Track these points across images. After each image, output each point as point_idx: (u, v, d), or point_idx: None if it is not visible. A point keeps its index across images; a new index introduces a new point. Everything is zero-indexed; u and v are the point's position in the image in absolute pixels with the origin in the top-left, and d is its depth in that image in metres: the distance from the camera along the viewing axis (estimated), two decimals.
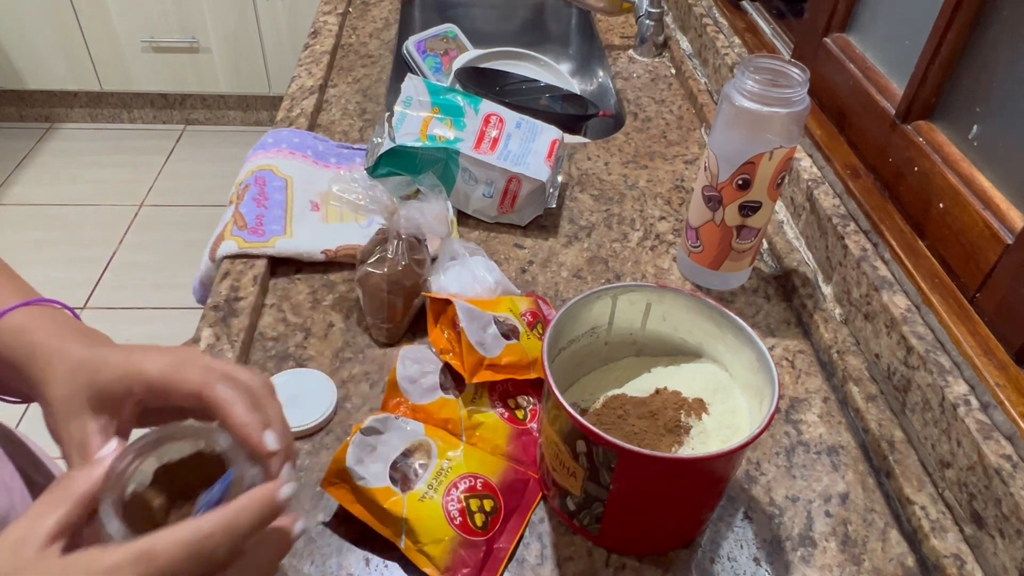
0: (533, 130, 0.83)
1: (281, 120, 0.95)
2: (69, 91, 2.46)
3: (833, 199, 0.76)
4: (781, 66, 0.64)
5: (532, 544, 0.53)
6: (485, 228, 0.82)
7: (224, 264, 0.73)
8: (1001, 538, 0.49)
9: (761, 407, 0.50)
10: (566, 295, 0.74)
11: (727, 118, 0.65)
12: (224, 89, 2.43)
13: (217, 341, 0.65)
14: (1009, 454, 0.50)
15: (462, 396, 0.58)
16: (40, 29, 2.24)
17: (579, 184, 0.90)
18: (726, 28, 1.10)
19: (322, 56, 1.10)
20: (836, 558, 0.53)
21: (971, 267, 0.61)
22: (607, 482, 0.47)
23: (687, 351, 0.59)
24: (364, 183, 0.64)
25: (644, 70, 1.17)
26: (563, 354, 0.56)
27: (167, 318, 1.87)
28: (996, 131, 0.62)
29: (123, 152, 2.45)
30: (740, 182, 0.66)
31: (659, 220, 0.85)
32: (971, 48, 0.64)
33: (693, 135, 1.01)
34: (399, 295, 0.65)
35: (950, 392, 0.55)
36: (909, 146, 0.70)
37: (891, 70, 0.76)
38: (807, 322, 0.72)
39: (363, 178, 0.65)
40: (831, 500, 0.57)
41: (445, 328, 0.61)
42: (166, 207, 2.23)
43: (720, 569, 0.53)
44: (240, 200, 0.77)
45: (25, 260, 2.01)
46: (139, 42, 2.29)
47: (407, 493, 0.50)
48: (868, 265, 0.67)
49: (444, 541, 0.49)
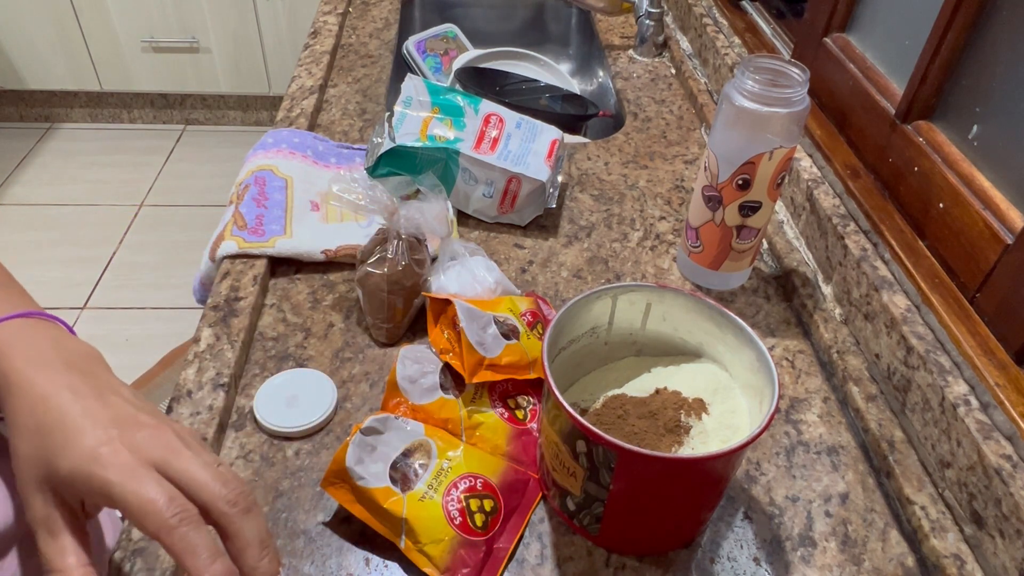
0: (533, 130, 0.83)
1: (281, 120, 0.95)
2: (69, 91, 2.46)
3: (833, 199, 0.76)
4: (781, 66, 0.64)
5: (532, 544, 0.53)
6: (485, 228, 0.82)
7: (224, 264, 0.73)
8: (1001, 538, 0.49)
9: (761, 407, 0.50)
10: (566, 295, 0.74)
11: (727, 118, 0.65)
12: (224, 89, 2.43)
13: (217, 341, 0.65)
14: (1009, 454, 0.50)
15: (462, 396, 0.58)
16: (40, 29, 2.24)
17: (579, 184, 0.90)
18: (726, 28, 1.10)
19: (322, 56, 1.10)
20: (836, 558, 0.53)
21: (971, 267, 0.61)
22: (607, 482, 0.47)
23: (687, 351, 0.59)
24: (364, 183, 0.64)
25: (644, 70, 1.17)
26: (563, 354, 0.56)
27: (167, 318, 1.87)
28: (996, 131, 0.62)
29: (123, 152, 2.45)
30: (740, 182, 0.66)
31: (659, 220, 0.85)
32: (971, 48, 0.64)
33: (693, 135, 1.01)
34: (399, 295, 0.65)
35: (950, 392, 0.55)
36: (909, 146, 0.70)
37: (891, 70, 0.76)
38: (807, 322, 0.72)
39: (363, 178, 0.65)
40: (831, 500, 0.57)
41: (445, 328, 0.61)
42: (166, 207, 2.23)
43: (720, 569, 0.53)
44: (240, 200, 0.77)
45: (25, 260, 2.01)
46: (139, 42, 2.29)
47: (407, 493, 0.50)
48: (868, 265, 0.67)
49: (444, 541, 0.49)
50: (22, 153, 2.40)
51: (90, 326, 1.84)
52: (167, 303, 1.91)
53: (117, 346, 1.79)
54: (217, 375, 0.61)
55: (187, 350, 0.68)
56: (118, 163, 2.39)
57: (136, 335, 1.82)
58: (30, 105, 2.50)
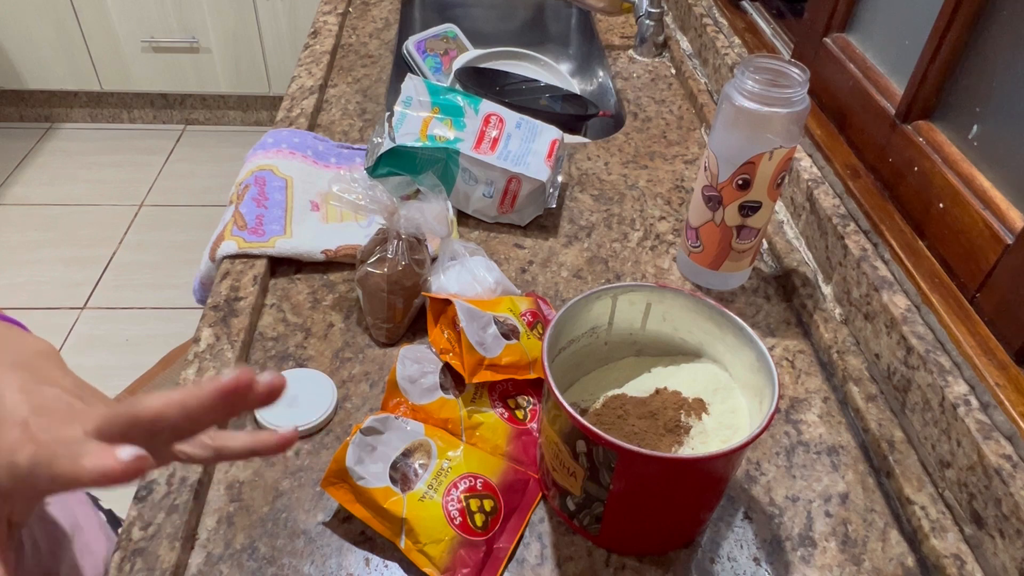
0: (533, 130, 0.83)
1: (281, 120, 0.95)
2: (69, 91, 2.46)
3: (833, 199, 0.76)
4: (781, 66, 0.64)
5: (532, 544, 0.53)
6: (485, 228, 0.82)
7: (224, 264, 0.73)
8: (1001, 538, 0.49)
9: (761, 407, 0.50)
10: (566, 295, 0.74)
11: (727, 118, 0.65)
12: (224, 89, 2.43)
13: (217, 341, 0.65)
14: (1009, 454, 0.50)
15: (462, 396, 0.58)
16: (40, 29, 2.24)
17: (579, 184, 0.90)
18: (726, 28, 1.10)
19: (322, 56, 1.10)
20: (836, 558, 0.53)
21: (971, 267, 0.61)
22: (607, 482, 0.47)
23: (687, 351, 0.59)
24: (364, 183, 0.64)
25: (644, 70, 1.17)
26: (563, 354, 0.56)
27: (167, 318, 1.87)
28: (996, 131, 0.62)
29: (123, 152, 2.45)
30: (740, 182, 0.66)
31: (659, 220, 0.85)
32: (971, 48, 0.64)
33: (693, 135, 1.01)
34: (399, 295, 0.65)
35: (950, 392, 0.55)
36: (909, 146, 0.70)
37: (891, 70, 0.76)
38: (807, 322, 0.72)
39: (363, 178, 0.65)
40: (831, 500, 0.57)
41: (445, 328, 0.61)
42: (166, 207, 2.23)
43: (720, 569, 0.53)
44: (240, 200, 0.77)
45: (25, 260, 2.01)
46: (139, 42, 2.29)
47: (407, 493, 0.50)
48: (868, 265, 0.67)
49: (444, 541, 0.49)
50: (22, 153, 2.40)
51: (90, 326, 1.84)
52: (167, 303, 1.91)
53: (117, 346, 1.79)
54: (217, 375, 0.61)
55: (187, 350, 0.68)
56: (118, 163, 2.39)
57: (136, 335, 1.82)
58: (30, 105, 2.50)
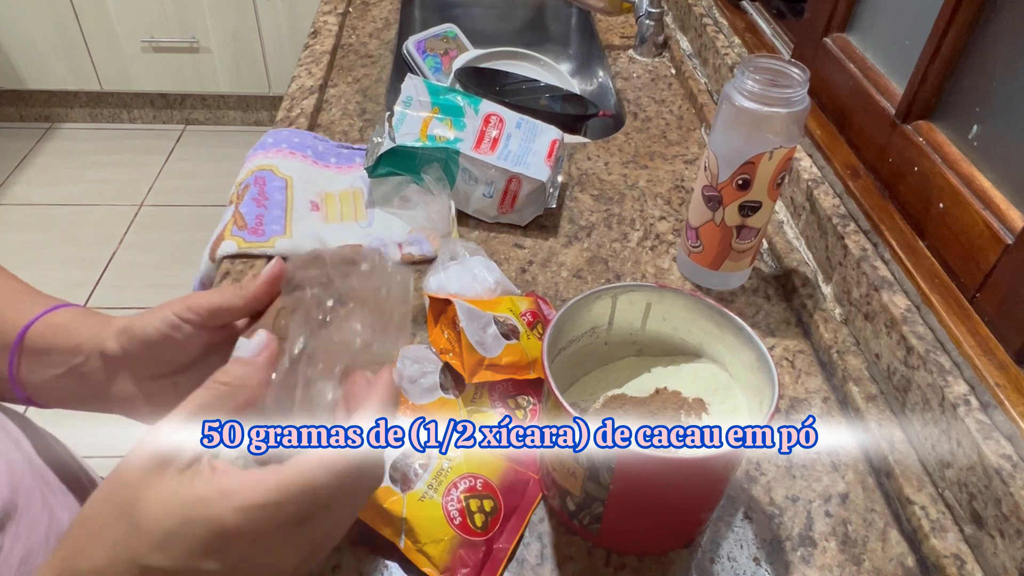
0: (533, 130, 0.83)
1: (281, 120, 0.95)
2: (69, 91, 2.46)
3: (833, 199, 0.76)
4: (781, 66, 0.64)
5: (532, 544, 0.53)
6: (485, 228, 0.82)
7: (224, 264, 0.73)
8: (1001, 538, 0.49)
9: (761, 407, 0.50)
10: (566, 295, 0.74)
11: (727, 118, 0.65)
12: (224, 89, 2.43)
13: None
14: (1009, 454, 0.50)
15: (462, 396, 0.58)
16: (40, 29, 2.25)
17: (579, 184, 0.90)
18: (726, 28, 1.10)
19: (322, 56, 1.10)
20: (836, 558, 0.53)
21: (971, 267, 0.61)
22: (607, 482, 0.47)
23: (687, 351, 0.59)
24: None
25: (644, 70, 1.17)
26: (563, 354, 0.56)
27: None
28: (996, 131, 0.62)
29: (123, 152, 2.45)
30: (740, 182, 0.66)
31: (659, 220, 0.85)
32: (971, 48, 0.64)
33: (693, 135, 1.01)
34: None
35: (950, 392, 0.55)
36: (909, 146, 0.70)
37: (891, 70, 0.76)
38: (807, 322, 0.72)
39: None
40: (831, 500, 0.57)
41: (445, 328, 0.61)
42: (166, 207, 2.23)
43: (720, 569, 0.53)
44: (240, 200, 0.77)
45: (25, 260, 2.01)
46: (139, 42, 2.29)
47: (407, 493, 0.50)
48: (868, 265, 0.67)
49: (444, 541, 0.49)
50: (22, 153, 2.40)
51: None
52: None
53: None
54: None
55: None
56: (118, 163, 2.40)
57: None
58: (30, 105, 2.50)
